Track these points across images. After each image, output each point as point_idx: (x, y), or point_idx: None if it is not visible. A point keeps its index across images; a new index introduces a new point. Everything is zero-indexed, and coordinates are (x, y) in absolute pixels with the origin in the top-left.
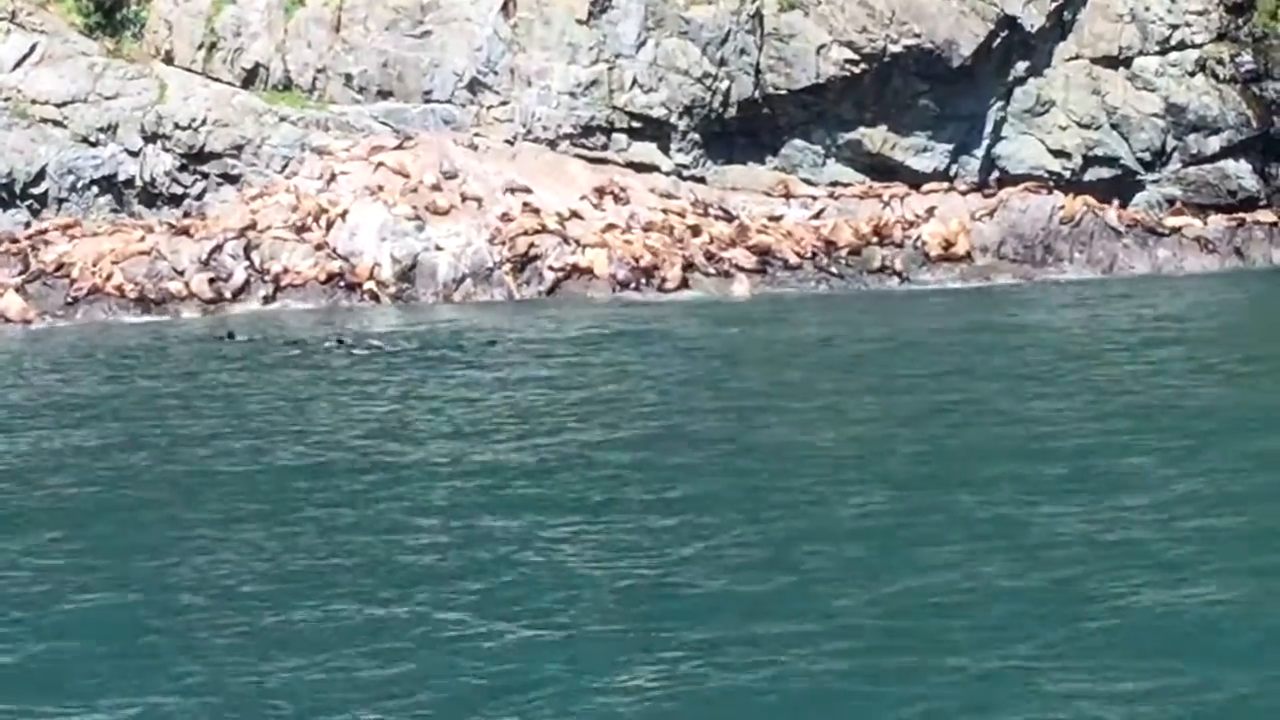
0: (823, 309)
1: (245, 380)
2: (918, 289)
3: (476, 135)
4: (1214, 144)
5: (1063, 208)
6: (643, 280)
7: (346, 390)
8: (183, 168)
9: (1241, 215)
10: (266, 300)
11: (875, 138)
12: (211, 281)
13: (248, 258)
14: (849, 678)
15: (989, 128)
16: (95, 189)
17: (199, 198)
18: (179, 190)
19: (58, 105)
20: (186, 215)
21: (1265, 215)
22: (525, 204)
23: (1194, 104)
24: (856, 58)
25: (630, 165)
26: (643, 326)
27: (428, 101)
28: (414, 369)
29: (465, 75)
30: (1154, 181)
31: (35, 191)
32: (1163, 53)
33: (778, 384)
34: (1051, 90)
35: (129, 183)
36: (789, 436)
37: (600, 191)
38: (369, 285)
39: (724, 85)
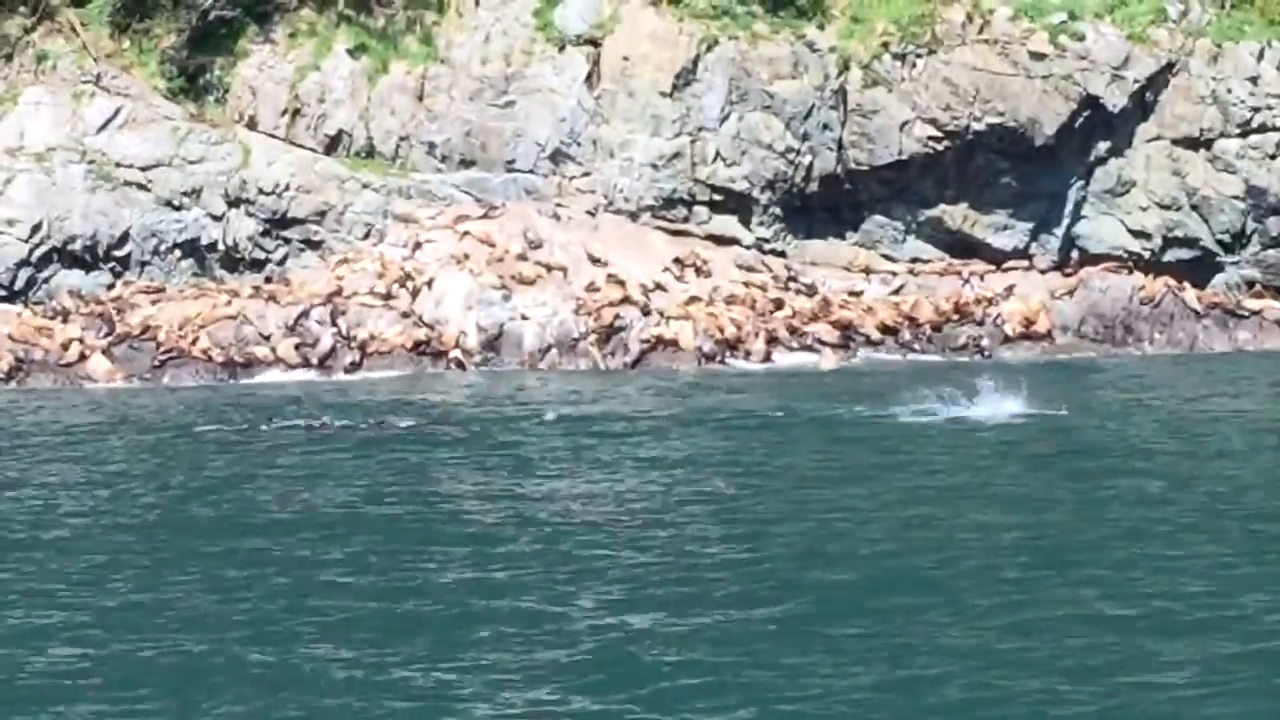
0: (916, 380)
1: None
2: (1000, 365)
3: (558, 206)
4: None
5: (1143, 288)
6: (727, 352)
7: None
8: (265, 233)
9: None
10: (353, 366)
11: (956, 215)
12: (298, 347)
13: (334, 324)
14: None
15: (1069, 207)
16: (178, 252)
17: (281, 263)
18: (261, 255)
19: (142, 169)
20: (269, 280)
21: None
22: (609, 275)
23: (1274, 186)
24: (939, 135)
25: (710, 238)
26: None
27: (510, 171)
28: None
29: (548, 145)
30: (1233, 263)
31: (118, 254)
32: (1244, 135)
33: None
34: (1132, 170)
35: (211, 247)
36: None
37: (681, 263)
38: (455, 354)
39: (806, 160)
